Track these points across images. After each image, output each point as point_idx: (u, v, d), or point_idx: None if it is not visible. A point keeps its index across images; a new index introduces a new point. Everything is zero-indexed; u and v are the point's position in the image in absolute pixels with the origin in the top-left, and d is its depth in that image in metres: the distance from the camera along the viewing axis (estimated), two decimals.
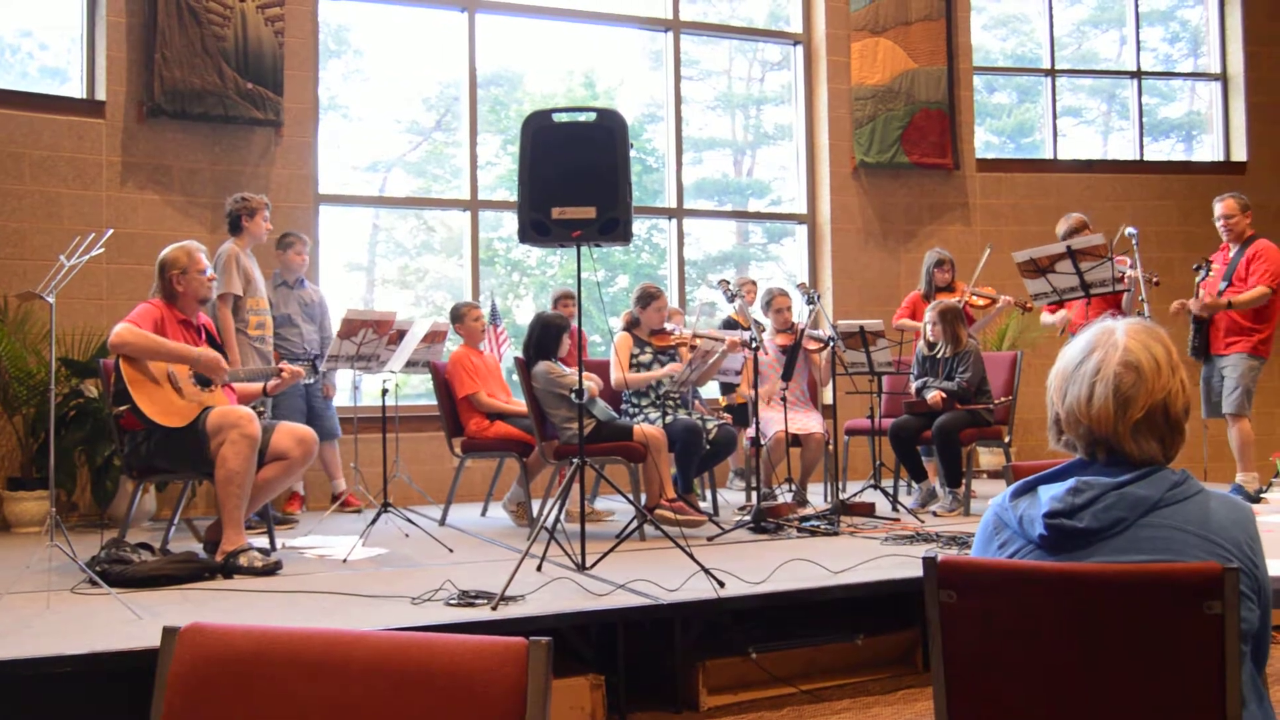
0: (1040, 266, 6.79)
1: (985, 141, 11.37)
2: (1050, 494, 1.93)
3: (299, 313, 7.58)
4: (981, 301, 8.12)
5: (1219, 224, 7.39)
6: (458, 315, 7.45)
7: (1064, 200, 10.20)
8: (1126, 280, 6.93)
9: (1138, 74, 11.58)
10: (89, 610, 4.27)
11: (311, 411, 7.47)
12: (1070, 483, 1.92)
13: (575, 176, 4.71)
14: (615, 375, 6.89)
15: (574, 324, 6.70)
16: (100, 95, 8.17)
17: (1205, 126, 11.89)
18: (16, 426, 7.42)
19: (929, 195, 10.57)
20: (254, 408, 5.52)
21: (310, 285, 7.81)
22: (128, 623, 4.00)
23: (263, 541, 5.78)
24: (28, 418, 7.37)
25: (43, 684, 3.61)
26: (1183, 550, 1.82)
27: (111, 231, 5.45)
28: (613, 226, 4.73)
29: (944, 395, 7.10)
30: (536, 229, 4.76)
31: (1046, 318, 7.86)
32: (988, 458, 9.59)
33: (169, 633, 1.64)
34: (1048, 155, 11.22)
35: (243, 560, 5.02)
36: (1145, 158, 11.46)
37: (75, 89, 8.32)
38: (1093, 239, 6.77)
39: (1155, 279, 7.02)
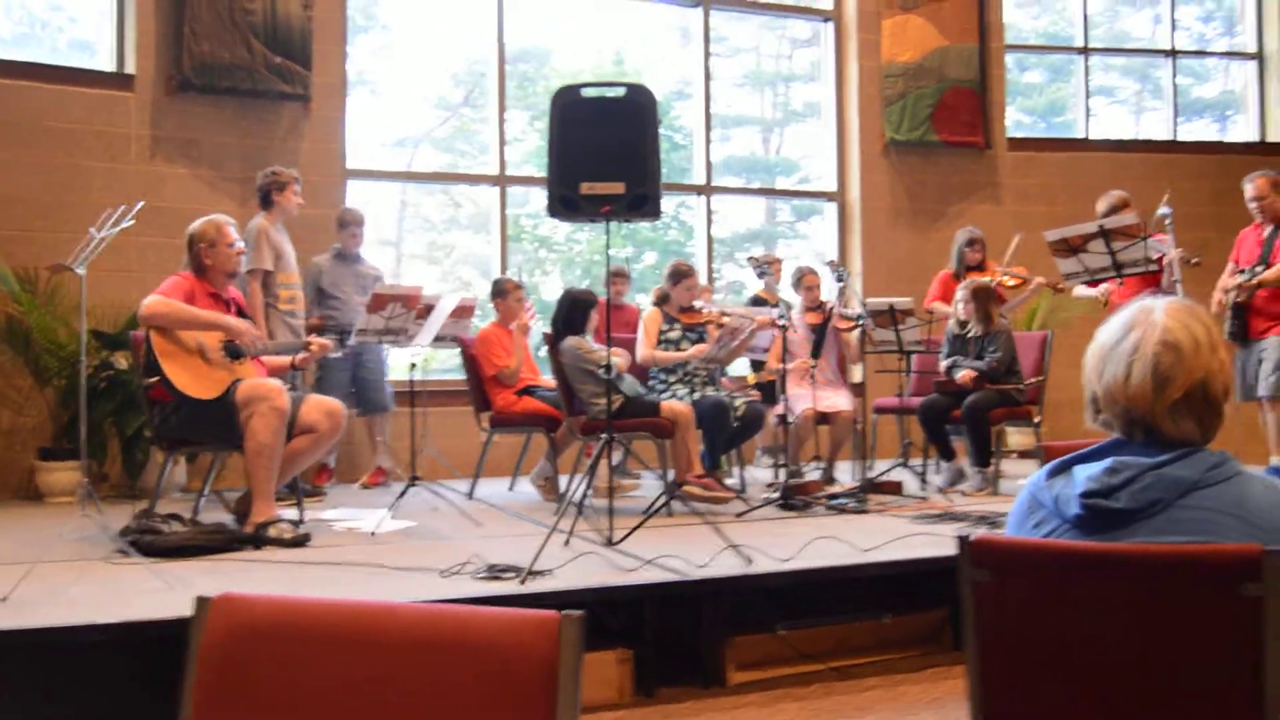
0: (1073, 246, 6.71)
1: (1016, 120, 11.25)
2: (1086, 474, 1.91)
3: (354, 285, 7.59)
4: (1013, 282, 8.04)
5: (1251, 205, 7.24)
6: (501, 290, 7.35)
7: (1095, 180, 10.05)
8: (1164, 260, 6.84)
9: (1172, 53, 11.43)
10: (120, 580, 4.30)
11: (364, 384, 7.48)
12: (1107, 462, 1.90)
13: (604, 152, 4.68)
14: (642, 351, 6.88)
15: (605, 300, 6.61)
16: (129, 69, 8.18)
17: (1240, 106, 11.74)
18: (48, 398, 7.48)
19: (959, 174, 10.48)
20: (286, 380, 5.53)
21: (367, 262, 7.83)
22: (159, 592, 4.03)
23: (292, 513, 5.81)
24: (59, 389, 7.42)
25: (75, 653, 3.64)
26: (1221, 532, 1.80)
27: (142, 204, 5.47)
28: (642, 202, 4.70)
29: (974, 374, 7.06)
30: (565, 204, 4.74)
31: (1085, 290, 7.62)
32: (1017, 438, 9.53)
33: (202, 602, 1.64)
34: (1079, 135, 11.10)
35: (272, 531, 5.05)
36: (1178, 138, 11.32)
37: (105, 62, 8.33)
38: (1126, 218, 6.68)
39: (1195, 260, 6.91)
